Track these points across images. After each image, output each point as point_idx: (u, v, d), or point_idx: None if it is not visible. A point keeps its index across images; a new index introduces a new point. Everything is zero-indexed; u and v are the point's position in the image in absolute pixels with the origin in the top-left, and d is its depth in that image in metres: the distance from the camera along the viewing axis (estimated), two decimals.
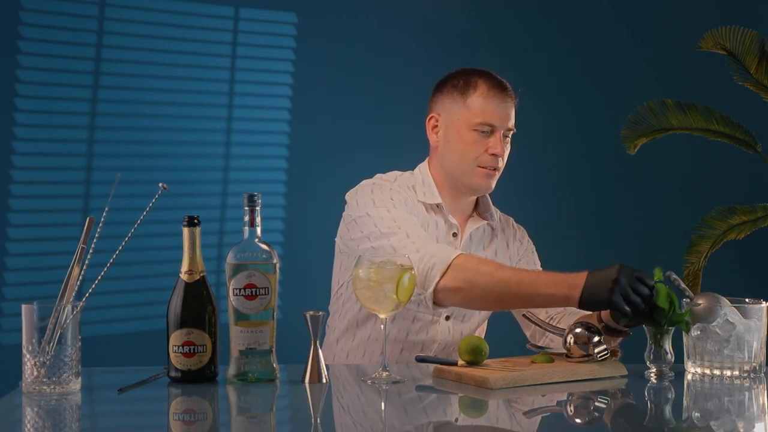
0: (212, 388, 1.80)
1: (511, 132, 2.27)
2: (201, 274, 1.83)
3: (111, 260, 1.76)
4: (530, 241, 2.46)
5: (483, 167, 2.24)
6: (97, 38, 3.72)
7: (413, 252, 2.04)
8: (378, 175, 2.32)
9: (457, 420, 1.69)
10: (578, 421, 1.68)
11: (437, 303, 2.06)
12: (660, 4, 4.19)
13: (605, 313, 1.99)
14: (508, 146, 2.28)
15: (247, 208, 1.83)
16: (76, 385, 1.71)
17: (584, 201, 4.13)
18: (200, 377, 1.81)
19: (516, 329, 2.40)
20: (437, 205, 2.29)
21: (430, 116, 2.31)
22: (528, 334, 2.37)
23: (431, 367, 1.96)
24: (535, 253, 2.46)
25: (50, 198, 3.71)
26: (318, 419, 1.63)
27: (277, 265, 1.83)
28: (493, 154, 2.22)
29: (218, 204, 3.84)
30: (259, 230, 1.83)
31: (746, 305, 1.89)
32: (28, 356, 1.69)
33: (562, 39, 4.14)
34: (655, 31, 4.18)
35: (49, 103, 3.70)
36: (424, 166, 2.34)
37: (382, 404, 1.73)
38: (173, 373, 1.82)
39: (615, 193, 4.16)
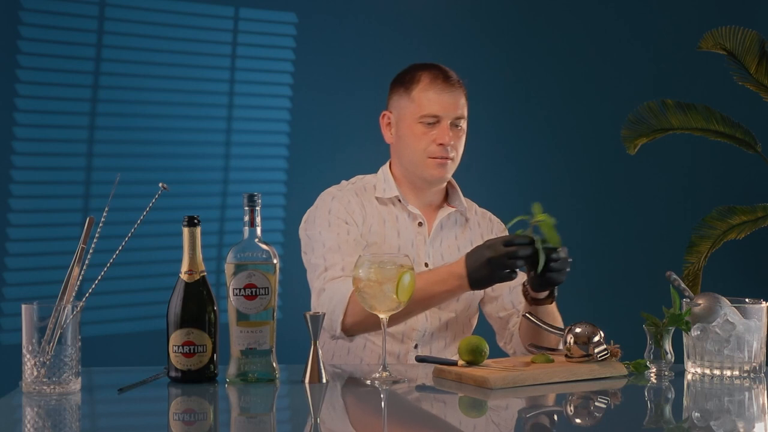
0: (212, 388, 1.80)
1: (462, 120, 2.29)
2: (201, 274, 1.83)
3: (111, 260, 1.76)
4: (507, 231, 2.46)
5: (433, 158, 2.27)
6: (97, 38, 3.72)
7: (319, 292, 2.16)
8: (342, 182, 2.40)
9: (456, 420, 1.69)
10: (578, 421, 1.68)
11: (352, 335, 2.16)
12: (660, 4, 4.19)
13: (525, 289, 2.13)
14: (462, 135, 2.30)
15: (247, 208, 1.83)
16: (76, 385, 1.71)
17: (584, 201, 4.13)
18: (200, 377, 1.81)
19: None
20: (397, 198, 2.33)
21: (382, 114, 2.36)
22: (502, 344, 2.37)
23: (431, 367, 1.96)
24: None
25: (50, 198, 3.71)
26: (318, 419, 1.63)
27: (277, 265, 1.83)
28: (440, 144, 2.25)
29: (218, 204, 3.84)
30: (259, 230, 1.83)
31: (746, 305, 1.90)
32: (28, 356, 1.69)
33: (562, 39, 4.13)
34: (655, 31, 4.18)
35: (49, 103, 3.70)
36: (385, 165, 2.40)
37: (382, 404, 1.73)
38: (173, 373, 1.82)
39: (615, 193, 4.16)
